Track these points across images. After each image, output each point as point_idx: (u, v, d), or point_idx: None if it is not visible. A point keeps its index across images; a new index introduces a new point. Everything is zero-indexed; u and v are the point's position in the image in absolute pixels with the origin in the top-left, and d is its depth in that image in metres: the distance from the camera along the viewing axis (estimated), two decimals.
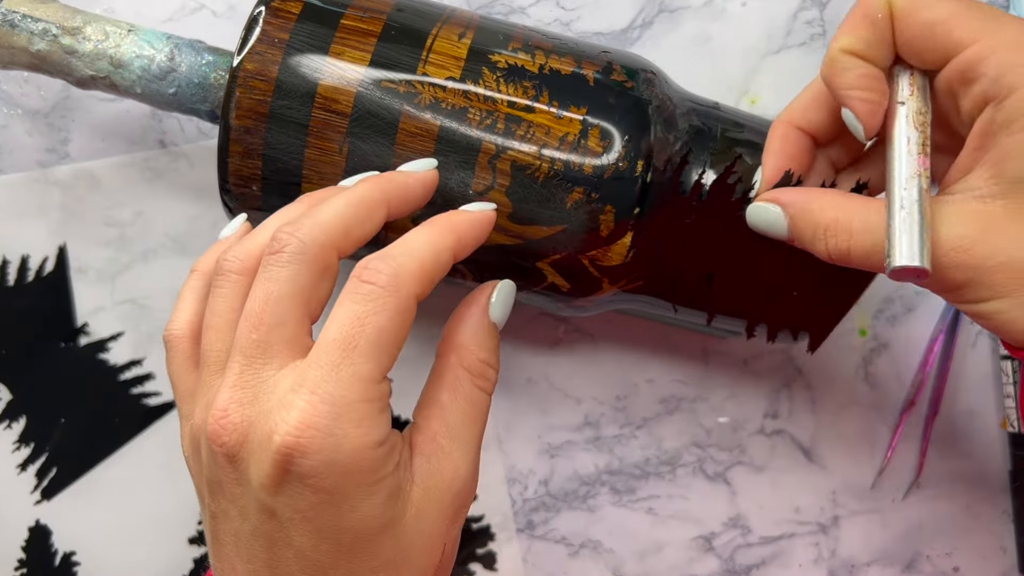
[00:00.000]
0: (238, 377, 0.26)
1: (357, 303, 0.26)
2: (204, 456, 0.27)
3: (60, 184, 0.44)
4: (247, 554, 0.27)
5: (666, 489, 0.45)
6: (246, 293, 0.27)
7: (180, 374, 0.30)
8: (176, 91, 0.36)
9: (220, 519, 0.27)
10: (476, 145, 0.33)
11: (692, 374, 0.45)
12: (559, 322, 0.45)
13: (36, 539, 0.44)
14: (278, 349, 0.26)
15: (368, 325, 0.25)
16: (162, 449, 0.44)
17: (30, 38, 0.36)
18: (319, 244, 0.26)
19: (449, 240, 0.28)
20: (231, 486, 0.26)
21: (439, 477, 0.28)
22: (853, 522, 0.46)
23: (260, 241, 0.28)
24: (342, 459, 0.25)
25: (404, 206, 0.30)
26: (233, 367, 0.26)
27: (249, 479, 0.26)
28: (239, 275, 0.28)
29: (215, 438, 0.26)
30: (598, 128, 0.33)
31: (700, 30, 0.45)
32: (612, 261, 0.34)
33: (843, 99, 0.29)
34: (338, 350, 0.25)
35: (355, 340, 0.25)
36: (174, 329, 0.30)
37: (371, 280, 0.26)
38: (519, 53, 0.34)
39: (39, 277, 0.44)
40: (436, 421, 0.28)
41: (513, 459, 0.45)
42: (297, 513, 0.25)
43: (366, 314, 0.25)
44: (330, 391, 0.25)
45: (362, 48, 0.33)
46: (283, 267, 0.26)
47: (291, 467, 0.25)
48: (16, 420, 0.44)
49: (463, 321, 0.30)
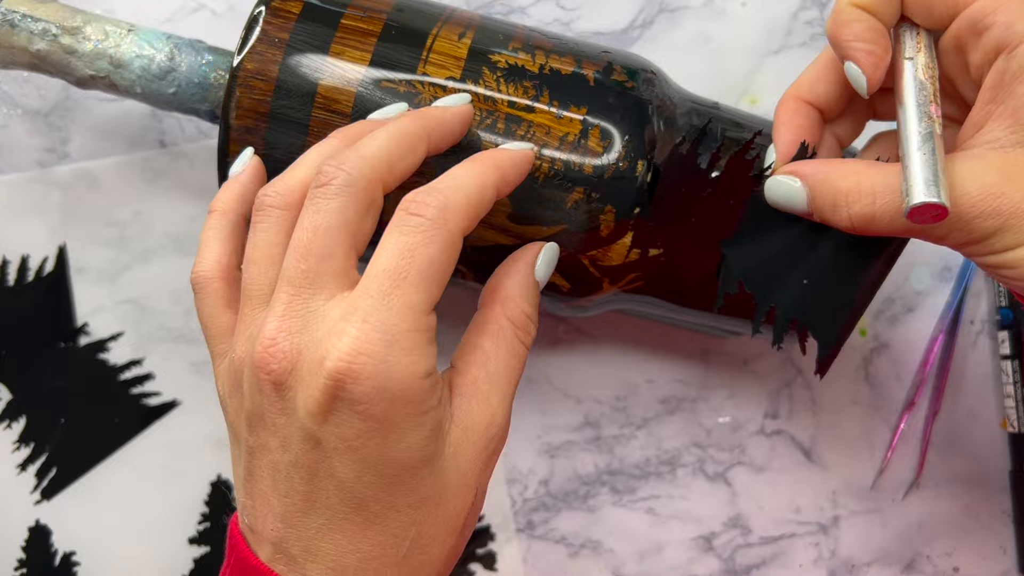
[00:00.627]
0: (287, 307, 0.26)
1: (406, 234, 0.26)
2: (247, 388, 0.27)
3: (60, 184, 0.44)
4: (285, 487, 0.27)
5: (666, 489, 0.45)
6: (289, 228, 0.28)
7: (213, 314, 0.30)
8: (176, 91, 0.36)
9: (258, 453, 0.27)
10: (476, 145, 0.33)
11: (692, 374, 0.45)
12: (559, 322, 0.45)
13: (36, 539, 0.44)
14: (327, 280, 0.26)
15: (418, 256, 0.26)
16: (162, 449, 0.44)
17: (30, 38, 0.36)
18: (366, 177, 0.27)
19: (493, 176, 0.29)
20: (275, 416, 0.26)
21: (478, 419, 0.28)
22: (853, 522, 0.46)
23: (300, 176, 0.29)
24: (393, 386, 0.25)
25: (443, 140, 0.30)
26: (281, 296, 0.26)
27: (296, 407, 0.26)
28: (282, 210, 0.28)
29: (263, 365, 0.26)
30: (598, 128, 0.33)
31: (700, 30, 0.45)
32: (612, 261, 0.34)
33: (848, 51, 0.29)
34: (389, 279, 0.25)
35: (406, 270, 0.26)
36: (203, 270, 0.30)
37: (419, 212, 0.26)
38: (519, 53, 0.34)
39: (39, 277, 0.44)
40: (477, 367, 0.29)
41: (513, 459, 0.45)
42: (343, 442, 0.25)
43: (416, 245, 0.26)
44: (382, 319, 0.25)
45: (362, 48, 0.33)
46: (331, 199, 0.26)
47: (342, 393, 0.25)
48: (16, 420, 0.44)
49: (510, 275, 0.31)
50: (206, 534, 0.44)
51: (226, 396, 0.29)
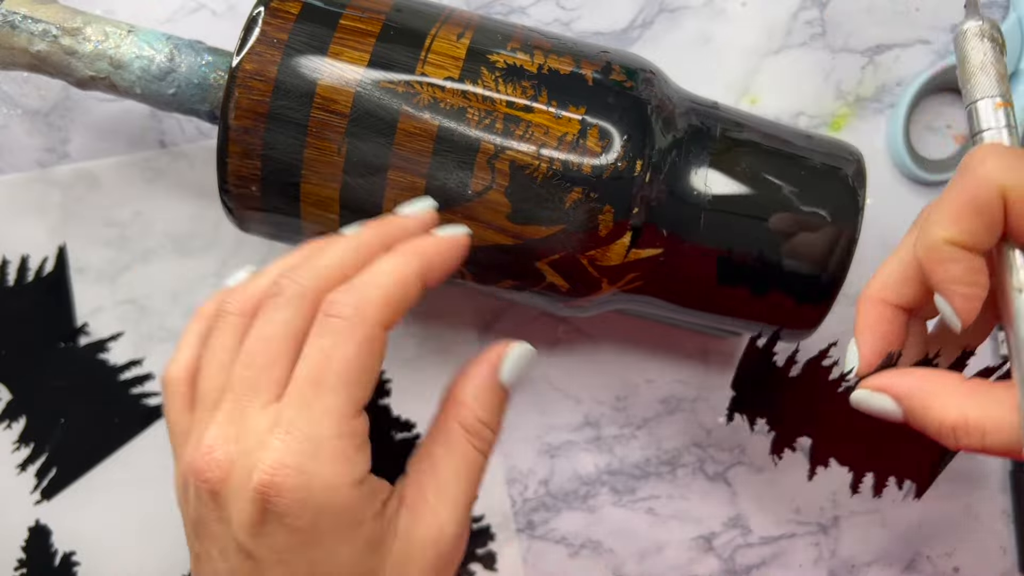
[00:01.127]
0: (226, 415, 0.26)
1: (323, 337, 0.26)
2: (191, 494, 0.27)
3: (60, 184, 0.45)
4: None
5: (666, 489, 0.45)
6: (243, 334, 0.27)
7: (176, 417, 0.29)
8: (176, 91, 0.36)
9: (202, 560, 0.27)
10: (475, 145, 0.33)
11: (692, 374, 0.45)
12: (559, 322, 0.45)
13: (36, 539, 0.44)
14: (266, 388, 0.26)
15: (335, 359, 0.25)
16: (162, 449, 0.44)
17: (30, 39, 0.36)
18: (316, 289, 0.27)
19: (416, 266, 0.28)
20: (213, 524, 0.26)
21: (424, 533, 0.27)
22: (853, 522, 0.46)
23: (261, 285, 0.28)
24: (315, 497, 0.25)
25: (392, 241, 0.30)
26: (223, 404, 0.26)
27: (230, 517, 0.26)
28: (238, 316, 0.28)
29: (199, 474, 0.26)
30: (597, 128, 0.33)
31: (700, 30, 0.45)
32: (611, 261, 0.34)
33: (944, 292, 0.27)
34: (308, 386, 0.25)
35: (324, 375, 0.25)
36: (172, 371, 0.29)
37: (335, 313, 0.26)
38: (518, 53, 0.34)
39: (39, 277, 0.44)
40: (426, 475, 0.28)
41: (513, 459, 0.45)
42: (274, 554, 0.25)
43: (332, 347, 0.25)
44: (303, 428, 0.25)
45: (361, 48, 0.33)
46: (279, 309, 0.26)
47: (268, 506, 0.25)
48: (16, 420, 0.44)
49: (468, 377, 0.29)
50: None
51: (179, 499, 0.29)
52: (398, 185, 0.33)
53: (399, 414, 0.45)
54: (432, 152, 0.33)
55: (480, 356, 0.30)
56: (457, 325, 0.45)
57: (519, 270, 0.35)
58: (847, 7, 0.45)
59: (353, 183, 0.34)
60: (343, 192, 0.34)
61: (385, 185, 0.33)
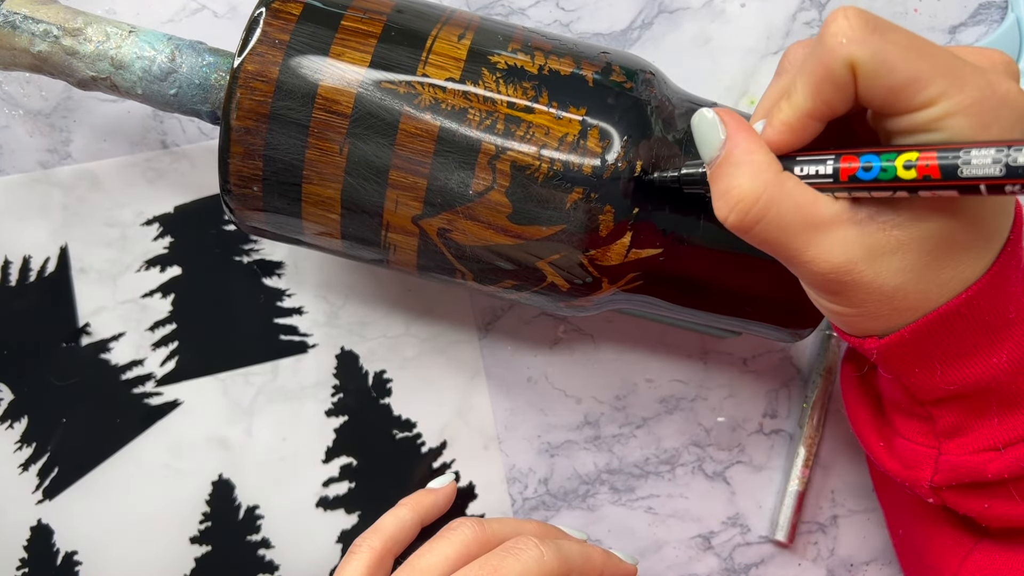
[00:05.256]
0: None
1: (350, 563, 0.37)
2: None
3: (62, 185, 0.45)
4: None
5: (665, 488, 0.46)
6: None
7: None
8: (177, 92, 0.36)
9: None
10: (476, 146, 0.33)
11: (691, 374, 0.46)
12: (559, 322, 0.45)
13: (38, 538, 0.44)
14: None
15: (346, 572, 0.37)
16: (163, 449, 0.45)
17: (31, 39, 0.36)
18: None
19: (414, 517, 0.40)
20: None
21: None
22: (852, 521, 0.46)
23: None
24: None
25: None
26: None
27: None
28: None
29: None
30: (597, 128, 0.33)
31: (699, 31, 0.46)
32: (611, 261, 0.34)
33: (772, 142, 0.29)
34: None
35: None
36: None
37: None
38: (519, 54, 0.34)
39: (41, 277, 0.44)
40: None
41: (513, 458, 0.45)
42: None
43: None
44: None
45: (362, 49, 0.33)
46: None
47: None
48: (18, 420, 0.44)
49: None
50: (207, 533, 0.44)
51: None
52: (399, 185, 0.33)
53: (399, 413, 0.46)
54: (433, 153, 0.33)
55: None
56: (457, 325, 0.45)
57: (520, 270, 0.35)
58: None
59: (354, 183, 0.34)
60: (344, 192, 0.34)
61: (386, 186, 0.34)
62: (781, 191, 0.28)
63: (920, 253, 0.28)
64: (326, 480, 0.45)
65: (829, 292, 0.30)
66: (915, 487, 0.34)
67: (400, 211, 0.34)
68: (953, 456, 0.32)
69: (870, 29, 0.26)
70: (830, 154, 0.28)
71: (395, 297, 0.45)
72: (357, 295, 0.45)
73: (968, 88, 0.26)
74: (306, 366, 0.45)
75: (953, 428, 0.32)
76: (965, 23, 0.46)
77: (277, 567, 0.44)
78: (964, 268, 0.28)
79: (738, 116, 0.30)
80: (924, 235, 0.28)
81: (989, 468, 0.31)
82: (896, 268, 0.28)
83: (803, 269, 0.29)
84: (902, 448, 0.35)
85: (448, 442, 0.45)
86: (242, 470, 0.45)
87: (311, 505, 0.45)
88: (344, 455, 0.45)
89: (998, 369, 0.30)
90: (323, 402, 0.45)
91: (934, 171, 0.26)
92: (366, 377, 0.45)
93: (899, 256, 0.28)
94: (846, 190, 0.28)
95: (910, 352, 0.30)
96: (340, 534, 0.45)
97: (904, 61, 0.26)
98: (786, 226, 0.28)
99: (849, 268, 0.28)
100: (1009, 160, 0.24)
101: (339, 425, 0.45)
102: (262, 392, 0.45)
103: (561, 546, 0.35)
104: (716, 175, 0.30)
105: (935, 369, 0.31)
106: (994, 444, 0.31)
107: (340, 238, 0.36)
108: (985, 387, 0.30)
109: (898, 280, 0.28)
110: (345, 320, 0.45)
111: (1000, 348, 0.30)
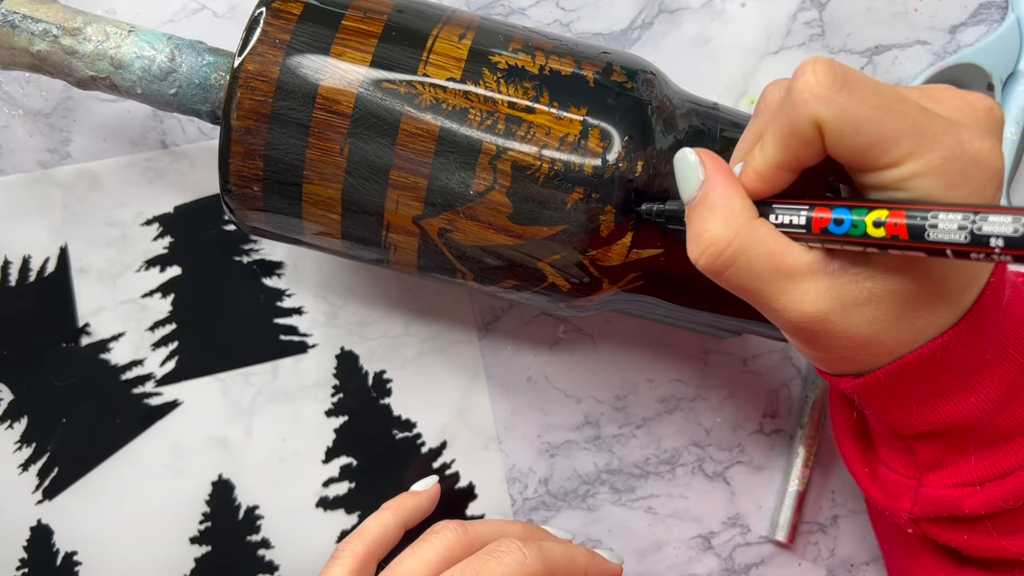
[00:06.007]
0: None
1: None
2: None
3: (61, 185, 0.45)
4: None
5: (665, 488, 0.46)
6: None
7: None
8: (177, 92, 0.36)
9: None
10: (477, 146, 0.33)
11: (691, 374, 0.46)
12: (559, 322, 0.45)
13: (38, 539, 0.44)
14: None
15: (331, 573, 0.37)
16: (163, 449, 0.45)
17: (31, 39, 0.36)
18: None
19: (397, 521, 0.40)
20: None
21: None
22: (852, 521, 0.46)
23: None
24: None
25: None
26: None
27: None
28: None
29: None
30: (598, 129, 0.33)
31: (700, 31, 0.46)
32: (612, 261, 0.34)
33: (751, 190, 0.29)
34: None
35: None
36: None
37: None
38: (519, 54, 0.34)
39: (40, 277, 0.44)
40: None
41: (513, 459, 0.45)
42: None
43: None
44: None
45: (363, 49, 0.33)
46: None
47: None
48: (18, 420, 0.44)
49: None
50: (207, 533, 0.44)
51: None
52: (400, 185, 0.33)
53: (399, 413, 0.46)
54: (434, 153, 0.33)
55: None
56: (457, 325, 0.45)
57: (520, 270, 0.35)
58: (846, 8, 0.45)
59: (355, 183, 0.34)
60: (345, 192, 0.34)
61: (387, 186, 0.34)
62: (753, 237, 0.28)
63: (892, 305, 0.28)
64: (326, 480, 0.45)
65: (801, 339, 0.30)
66: (895, 517, 0.34)
67: (401, 211, 0.34)
68: (932, 489, 0.32)
69: (837, 86, 0.26)
70: (804, 204, 0.28)
71: (395, 297, 0.45)
72: (357, 295, 0.45)
73: (937, 148, 0.25)
74: (306, 366, 0.45)
75: (933, 462, 0.32)
76: (965, 23, 0.46)
77: (277, 567, 0.44)
78: (938, 316, 0.28)
79: (719, 159, 0.30)
80: (896, 288, 0.28)
81: (967, 503, 0.31)
82: (868, 319, 0.28)
83: (775, 316, 0.29)
84: (885, 477, 0.35)
85: (448, 442, 0.45)
86: (242, 470, 0.45)
87: (311, 505, 0.45)
88: (344, 455, 0.45)
89: (976, 408, 0.30)
90: (323, 402, 0.45)
91: (902, 231, 0.25)
92: (366, 377, 0.45)
93: (871, 307, 0.28)
94: (819, 241, 0.28)
95: (886, 392, 0.30)
96: (340, 534, 0.45)
97: (871, 120, 0.26)
98: (757, 273, 0.28)
99: (821, 319, 0.28)
100: (974, 228, 0.24)
101: (339, 425, 0.45)
102: (262, 392, 0.45)
103: (544, 547, 0.35)
104: (691, 216, 0.30)
105: (911, 409, 0.31)
106: (972, 480, 0.31)
107: (340, 238, 0.36)
108: (963, 425, 0.30)
109: (871, 330, 0.28)
110: (345, 320, 0.45)
111: (977, 388, 0.30)
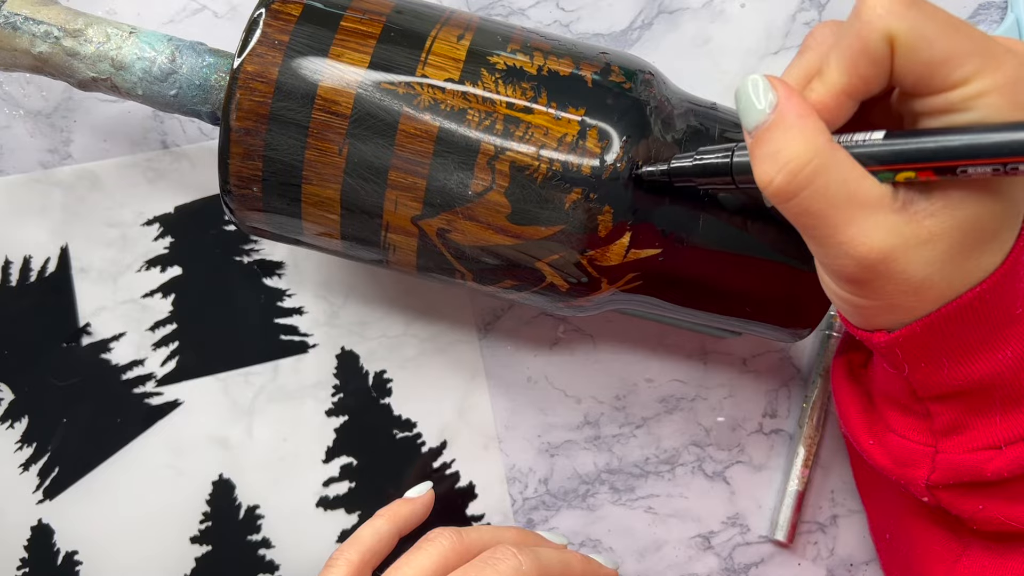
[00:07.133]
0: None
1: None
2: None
3: (62, 185, 0.45)
4: None
5: (665, 488, 0.46)
6: None
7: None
8: (177, 93, 0.36)
9: None
10: (475, 146, 0.33)
11: (691, 374, 0.46)
12: (559, 322, 0.45)
13: (38, 538, 0.44)
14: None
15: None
16: (164, 449, 0.45)
17: (32, 40, 0.36)
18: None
19: (392, 528, 0.40)
20: None
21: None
22: (852, 521, 0.46)
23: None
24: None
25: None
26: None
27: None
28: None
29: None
30: (596, 129, 0.33)
31: (699, 31, 0.46)
32: (611, 261, 0.34)
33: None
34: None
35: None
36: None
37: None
38: (518, 54, 0.34)
39: (41, 277, 0.44)
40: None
41: (513, 458, 0.45)
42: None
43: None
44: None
45: (362, 50, 0.33)
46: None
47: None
48: (18, 420, 0.44)
49: None
50: (208, 533, 0.44)
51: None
52: (399, 186, 0.34)
53: (399, 413, 0.46)
54: (432, 153, 0.33)
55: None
56: (457, 325, 0.45)
57: (519, 270, 0.35)
58: (846, 8, 0.45)
59: (354, 184, 0.34)
60: (344, 193, 0.34)
61: (386, 186, 0.34)
62: (833, 159, 0.27)
63: (950, 244, 0.27)
64: (326, 480, 0.45)
65: (854, 282, 0.29)
66: (910, 485, 0.34)
67: (399, 211, 0.34)
68: (951, 454, 0.32)
69: (908, 2, 0.26)
70: (878, 131, 0.27)
71: (395, 297, 0.45)
72: (357, 295, 0.45)
73: (1004, 68, 0.26)
74: (306, 366, 0.45)
75: (951, 426, 0.32)
76: None
77: (277, 567, 0.44)
78: (987, 258, 0.28)
79: (789, 83, 0.29)
80: (956, 224, 0.27)
81: (988, 467, 0.31)
82: (925, 259, 0.27)
83: (836, 251, 0.28)
84: (896, 445, 0.34)
85: (448, 442, 0.45)
86: (242, 470, 0.45)
87: (311, 505, 0.45)
88: (344, 455, 0.45)
89: (1003, 365, 0.30)
90: (323, 402, 0.45)
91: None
92: (366, 377, 0.45)
93: (928, 247, 0.27)
94: (913, 170, 0.27)
95: (919, 346, 0.30)
96: (340, 534, 0.45)
97: (942, 36, 0.26)
98: (831, 197, 0.27)
99: (884, 256, 0.27)
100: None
101: (339, 425, 0.45)
102: (262, 392, 0.45)
103: (540, 554, 0.35)
104: (764, 138, 0.28)
105: (942, 364, 0.30)
106: (994, 442, 0.31)
107: (340, 238, 0.36)
108: (989, 384, 0.30)
109: (926, 272, 0.28)
110: (345, 320, 0.45)
111: (1005, 344, 0.30)
